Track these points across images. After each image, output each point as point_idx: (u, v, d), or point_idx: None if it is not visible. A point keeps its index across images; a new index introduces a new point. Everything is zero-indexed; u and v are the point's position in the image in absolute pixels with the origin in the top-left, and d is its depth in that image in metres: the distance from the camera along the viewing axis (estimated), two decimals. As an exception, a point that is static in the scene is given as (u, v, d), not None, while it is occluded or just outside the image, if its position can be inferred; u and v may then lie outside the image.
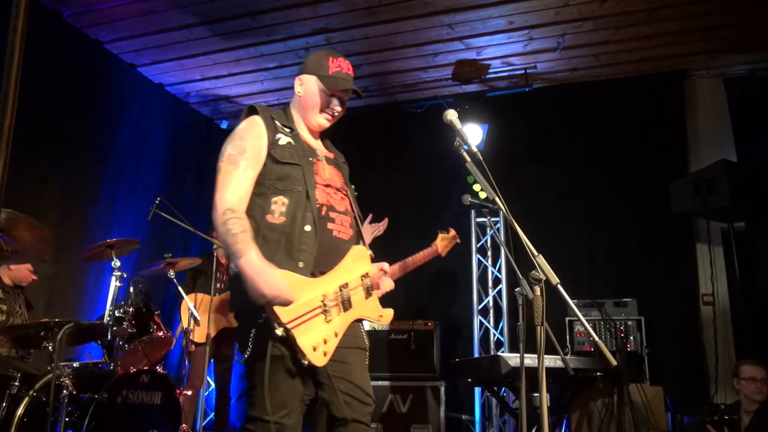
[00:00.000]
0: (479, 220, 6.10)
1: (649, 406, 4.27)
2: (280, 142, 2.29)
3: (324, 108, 2.41)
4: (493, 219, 5.79)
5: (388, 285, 2.49)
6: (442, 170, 6.14)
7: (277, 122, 2.36)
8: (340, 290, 2.22)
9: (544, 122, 6.10)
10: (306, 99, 2.41)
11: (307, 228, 2.17)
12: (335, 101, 2.41)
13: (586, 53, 5.62)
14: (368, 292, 2.36)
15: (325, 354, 2.09)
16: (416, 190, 6.37)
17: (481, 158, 2.22)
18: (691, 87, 5.87)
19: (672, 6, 4.85)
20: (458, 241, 3.31)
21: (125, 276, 4.01)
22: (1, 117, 0.95)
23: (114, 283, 3.95)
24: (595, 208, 5.77)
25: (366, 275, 2.37)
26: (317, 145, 2.49)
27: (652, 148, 5.71)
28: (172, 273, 4.47)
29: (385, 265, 2.49)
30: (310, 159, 2.33)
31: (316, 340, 2.07)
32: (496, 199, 2.18)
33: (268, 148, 2.26)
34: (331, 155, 2.53)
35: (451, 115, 2.26)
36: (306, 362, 2.03)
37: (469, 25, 5.17)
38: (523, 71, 5.90)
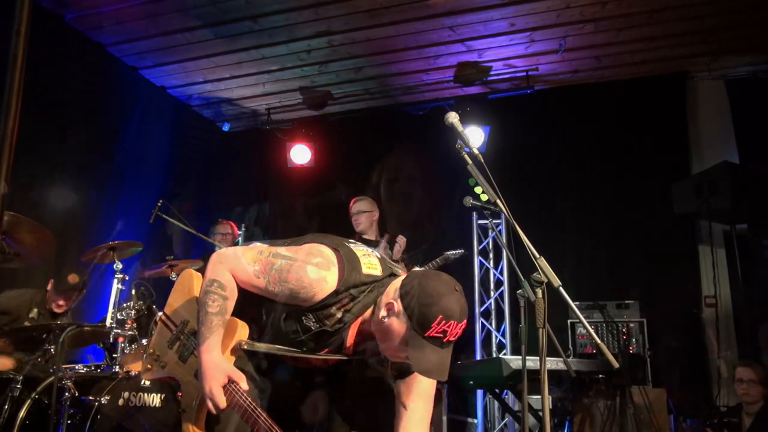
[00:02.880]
0: (481, 222, 6.10)
1: (652, 408, 4.26)
2: (305, 322, 1.94)
3: (393, 356, 1.95)
4: (494, 221, 5.79)
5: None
6: (444, 172, 6.14)
7: (341, 300, 1.91)
8: None
9: (546, 124, 6.09)
10: (385, 332, 1.88)
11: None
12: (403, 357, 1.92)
13: (588, 55, 5.62)
14: None
15: None
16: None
17: (482, 160, 2.22)
18: (693, 89, 5.87)
19: (673, 8, 4.85)
20: None
21: (127, 278, 4.02)
22: (4, 120, 0.95)
23: (116, 286, 3.95)
24: (597, 209, 5.77)
25: None
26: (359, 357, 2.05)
27: (654, 150, 5.70)
28: (174, 275, 4.47)
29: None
30: (304, 349, 1.98)
31: None
32: (498, 201, 2.17)
33: (299, 304, 1.92)
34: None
35: (453, 117, 2.25)
36: None
37: (471, 27, 5.17)
38: (524, 73, 5.90)
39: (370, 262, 1.98)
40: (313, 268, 1.89)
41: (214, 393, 1.87)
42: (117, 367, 3.69)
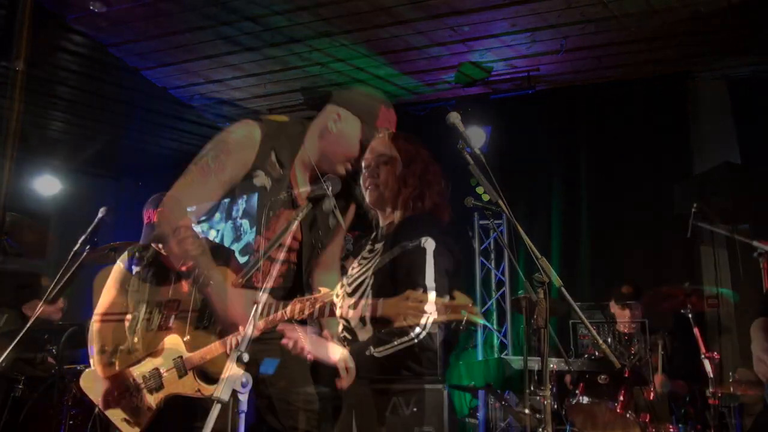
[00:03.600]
0: (482, 222, 6.10)
1: (653, 408, 4.25)
2: (257, 182, 2.08)
3: (351, 158, 2.14)
4: (496, 221, 5.78)
5: None
6: (445, 172, 6.13)
7: (273, 153, 2.06)
8: None
9: (547, 125, 6.10)
10: (337, 142, 2.10)
11: None
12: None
13: (589, 55, 5.61)
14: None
15: None
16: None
17: (484, 161, 2.22)
18: (695, 89, 5.86)
19: (674, 8, 4.84)
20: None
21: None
22: (7, 122, 0.96)
23: (117, 286, 3.94)
24: (598, 210, 5.77)
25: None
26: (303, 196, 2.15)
27: (655, 150, 5.70)
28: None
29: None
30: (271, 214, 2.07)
31: None
32: (499, 201, 2.17)
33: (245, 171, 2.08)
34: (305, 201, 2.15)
35: (454, 117, 2.25)
36: None
37: (472, 27, 5.16)
38: (526, 74, 5.89)
39: (278, 118, 2.22)
40: (236, 135, 2.10)
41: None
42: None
